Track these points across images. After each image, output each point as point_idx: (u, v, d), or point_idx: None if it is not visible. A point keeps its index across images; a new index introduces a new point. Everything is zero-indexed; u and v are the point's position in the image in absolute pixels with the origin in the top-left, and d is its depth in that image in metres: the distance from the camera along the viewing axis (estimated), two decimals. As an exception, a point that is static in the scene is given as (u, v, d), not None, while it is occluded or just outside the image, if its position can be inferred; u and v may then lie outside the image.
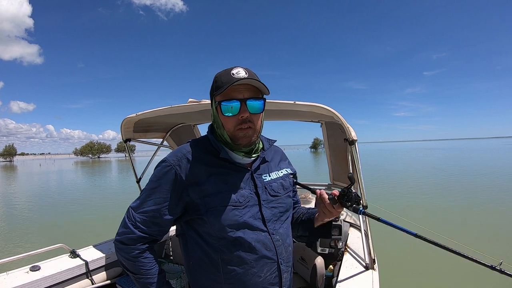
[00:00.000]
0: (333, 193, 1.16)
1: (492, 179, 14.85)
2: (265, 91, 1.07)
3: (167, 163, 1.08)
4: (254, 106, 1.05)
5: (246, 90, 1.04)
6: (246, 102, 1.03)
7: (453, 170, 19.64)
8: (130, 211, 1.10)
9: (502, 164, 22.66)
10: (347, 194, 1.13)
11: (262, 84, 1.05)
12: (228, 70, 1.06)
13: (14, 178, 29.68)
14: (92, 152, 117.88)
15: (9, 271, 1.77)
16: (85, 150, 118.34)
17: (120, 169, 38.58)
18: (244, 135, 1.06)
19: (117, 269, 2.14)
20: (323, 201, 1.16)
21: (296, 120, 2.60)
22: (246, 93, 1.04)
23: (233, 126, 1.06)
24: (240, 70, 1.04)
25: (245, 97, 1.04)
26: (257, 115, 1.08)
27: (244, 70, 1.05)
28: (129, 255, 1.08)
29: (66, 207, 11.83)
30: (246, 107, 1.04)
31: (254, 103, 1.05)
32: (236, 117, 1.04)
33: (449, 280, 4.36)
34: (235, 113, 1.04)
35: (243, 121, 1.05)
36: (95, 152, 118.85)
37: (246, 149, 1.12)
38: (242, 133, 1.06)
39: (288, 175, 1.27)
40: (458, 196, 10.64)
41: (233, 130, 1.07)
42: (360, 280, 1.67)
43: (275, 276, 1.11)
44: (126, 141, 2.62)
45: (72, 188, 18.60)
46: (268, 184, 1.16)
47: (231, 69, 1.06)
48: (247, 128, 1.06)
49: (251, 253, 1.06)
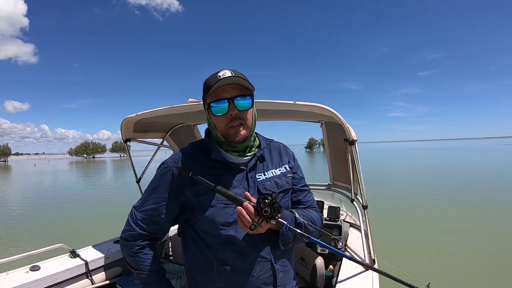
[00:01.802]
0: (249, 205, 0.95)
1: (483, 178, 15.08)
2: (249, 87, 1.09)
3: (165, 165, 1.15)
4: (241, 103, 1.08)
5: (233, 89, 1.07)
6: (234, 100, 1.07)
7: (442, 170, 19.85)
8: (133, 210, 1.19)
9: (494, 164, 22.88)
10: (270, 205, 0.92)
11: (246, 80, 1.08)
12: (215, 73, 1.09)
13: (10, 178, 29.36)
14: (87, 152, 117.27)
15: (9, 271, 1.76)
16: (80, 150, 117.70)
17: (117, 169, 38.42)
18: (236, 132, 1.09)
19: (117, 269, 2.13)
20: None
21: (296, 120, 2.60)
22: (233, 91, 1.07)
23: (224, 125, 1.09)
24: (225, 72, 1.07)
25: (233, 96, 1.07)
26: (246, 112, 1.10)
27: (230, 71, 1.08)
28: (130, 251, 1.15)
29: (65, 207, 11.79)
30: (234, 105, 1.07)
31: (241, 100, 1.08)
32: (226, 115, 1.08)
33: (449, 280, 4.38)
34: (224, 112, 1.07)
35: (233, 118, 1.08)
36: (90, 152, 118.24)
37: (241, 147, 1.14)
38: (234, 130, 1.09)
39: (285, 173, 1.25)
40: (448, 195, 10.76)
41: (225, 129, 1.10)
42: (360, 280, 1.67)
43: (269, 275, 1.12)
44: (126, 141, 2.61)
45: (71, 188, 18.52)
46: (261, 183, 1.16)
47: (218, 72, 1.09)
48: (238, 125, 1.09)
49: (243, 251, 1.08)
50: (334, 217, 2.65)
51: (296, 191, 1.28)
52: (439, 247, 5.70)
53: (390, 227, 7.05)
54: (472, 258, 5.13)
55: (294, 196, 1.28)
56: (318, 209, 1.33)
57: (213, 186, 1.00)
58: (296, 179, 1.29)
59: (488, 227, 6.94)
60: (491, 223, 7.32)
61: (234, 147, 1.13)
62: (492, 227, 6.97)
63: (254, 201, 0.95)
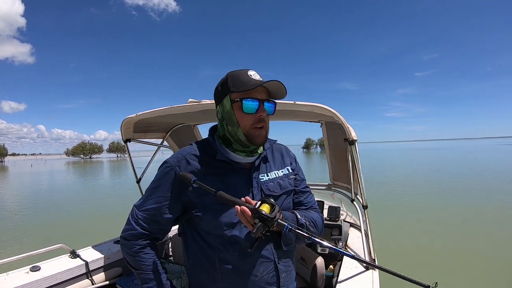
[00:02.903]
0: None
1: (483, 178, 15.17)
2: (281, 95, 1.12)
3: (168, 164, 1.13)
4: (269, 108, 1.10)
5: (263, 92, 1.09)
6: (264, 103, 1.08)
7: (442, 170, 19.95)
8: (134, 209, 1.17)
9: (493, 164, 23.02)
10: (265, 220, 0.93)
11: (284, 88, 1.09)
12: (243, 71, 1.10)
13: (8, 179, 29.13)
14: (83, 153, 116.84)
15: (9, 271, 1.76)
16: (76, 151, 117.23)
17: (115, 169, 38.35)
18: (259, 134, 1.10)
19: (117, 269, 2.13)
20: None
21: (296, 120, 2.60)
22: (263, 94, 1.09)
23: (250, 124, 1.09)
24: (255, 73, 1.09)
25: (263, 98, 1.08)
26: (268, 117, 1.13)
27: (258, 74, 1.10)
28: (130, 250, 1.13)
29: (65, 207, 11.77)
30: (263, 107, 1.08)
31: (269, 105, 1.10)
32: (254, 115, 1.08)
33: (449, 280, 4.39)
34: (254, 112, 1.08)
35: (260, 120, 1.09)
36: (87, 152, 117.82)
37: (251, 148, 1.13)
38: (258, 132, 1.10)
39: (288, 175, 1.26)
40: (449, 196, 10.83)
41: (249, 128, 1.09)
42: (360, 280, 1.67)
43: (272, 275, 1.12)
44: (126, 141, 2.61)
45: (70, 189, 18.48)
46: (264, 184, 1.16)
47: (246, 70, 1.09)
48: (261, 128, 1.10)
49: (247, 251, 1.07)
50: (334, 217, 2.65)
51: (297, 193, 1.28)
52: (440, 247, 5.71)
53: (391, 227, 7.07)
54: (474, 258, 5.14)
55: (296, 197, 1.28)
56: (319, 210, 1.33)
57: (214, 192, 1.00)
58: (298, 180, 1.29)
59: (488, 227, 6.96)
60: (491, 222, 7.35)
61: (246, 147, 1.13)
62: (493, 227, 6.99)
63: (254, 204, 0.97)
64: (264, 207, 0.95)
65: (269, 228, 0.94)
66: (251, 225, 0.95)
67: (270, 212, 0.94)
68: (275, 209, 0.96)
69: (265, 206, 0.96)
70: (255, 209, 0.93)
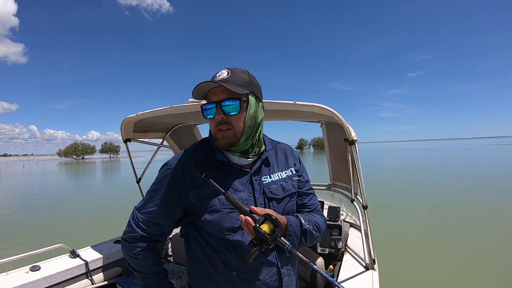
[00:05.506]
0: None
1: (479, 177, 15.36)
2: (236, 92, 1.01)
3: (168, 166, 1.12)
4: (229, 108, 1.03)
5: (222, 92, 1.03)
6: (221, 104, 1.03)
7: (437, 170, 20.15)
8: (135, 211, 1.16)
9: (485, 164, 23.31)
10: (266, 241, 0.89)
11: (234, 84, 1.02)
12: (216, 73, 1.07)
13: (1, 180, 28.66)
14: (76, 153, 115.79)
15: (9, 271, 1.75)
16: (69, 151, 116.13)
17: (109, 170, 38.01)
18: (223, 136, 1.06)
19: (117, 269, 2.12)
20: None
21: (296, 120, 2.61)
22: (221, 94, 1.03)
23: (213, 128, 1.08)
24: (222, 72, 1.04)
25: (220, 99, 1.03)
26: (235, 116, 1.05)
27: (227, 71, 1.04)
28: (131, 253, 1.13)
29: (64, 207, 11.68)
30: (221, 109, 1.03)
31: (229, 105, 1.03)
32: (214, 119, 1.05)
33: (450, 280, 4.41)
34: (212, 116, 1.06)
35: (219, 123, 1.05)
36: (79, 153, 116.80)
37: (239, 149, 1.10)
38: (221, 134, 1.06)
39: (291, 176, 1.22)
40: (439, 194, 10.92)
41: (214, 132, 1.08)
42: (360, 280, 1.68)
43: (275, 279, 1.11)
44: (126, 141, 2.59)
45: (67, 189, 18.28)
46: (267, 186, 1.13)
47: (217, 72, 1.06)
48: (226, 130, 1.05)
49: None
50: (334, 217, 2.66)
51: (301, 195, 1.25)
52: (440, 247, 5.73)
53: (391, 227, 7.10)
54: (474, 258, 5.16)
55: (299, 199, 1.25)
56: (322, 213, 1.30)
57: (223, 192, 0.97)
58: (302, 182, 1.26)
59: (489, 227, 6.99)
60: (491, 223, 7.38)
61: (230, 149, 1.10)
62: (494, 226, 7.02)
63: (260, 214, 0.94)
64: (265, 226, 0.90)
65: (268, 247, 0.89)
66: (253, 234, 0.92)
67: (271, 233, 0.90)
68: (277, 230, 0.91)
69: (267, 225, 0.91)
70: (255, 227, 0.89)
